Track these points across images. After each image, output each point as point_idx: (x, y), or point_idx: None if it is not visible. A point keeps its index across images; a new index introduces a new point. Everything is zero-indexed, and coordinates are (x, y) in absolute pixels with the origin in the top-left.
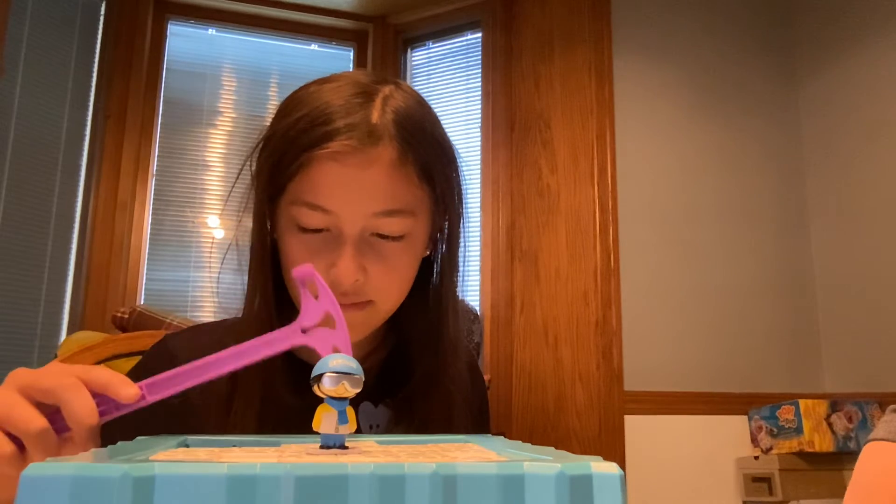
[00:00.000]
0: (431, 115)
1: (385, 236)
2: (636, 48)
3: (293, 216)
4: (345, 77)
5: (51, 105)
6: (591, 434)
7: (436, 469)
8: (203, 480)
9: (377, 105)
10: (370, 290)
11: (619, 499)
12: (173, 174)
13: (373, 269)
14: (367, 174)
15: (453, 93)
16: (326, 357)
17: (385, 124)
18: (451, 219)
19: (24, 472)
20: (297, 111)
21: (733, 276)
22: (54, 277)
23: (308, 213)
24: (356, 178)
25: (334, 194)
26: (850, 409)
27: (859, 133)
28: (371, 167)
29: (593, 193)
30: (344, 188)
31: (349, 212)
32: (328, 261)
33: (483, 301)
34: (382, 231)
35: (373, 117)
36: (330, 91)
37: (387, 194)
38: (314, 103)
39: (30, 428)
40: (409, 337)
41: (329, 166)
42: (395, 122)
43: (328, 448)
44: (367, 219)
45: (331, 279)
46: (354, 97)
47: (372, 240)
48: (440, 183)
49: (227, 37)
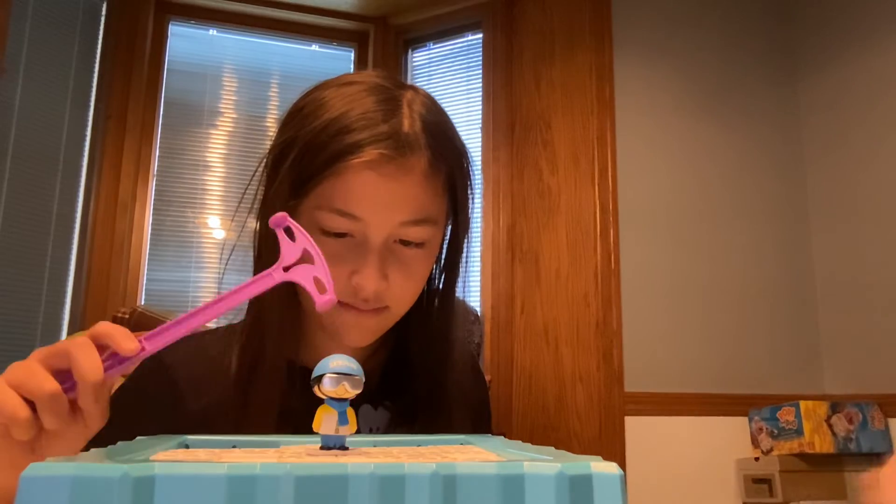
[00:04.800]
0: (451, 122)
1: (408, 243)
2: (637, 49)
3: (317, 220)
4: (364, 80)
5: (51, 105)
6: (591, 435)
7: (436, 469)
8: (203, 480)
9: (405, 112)
10: (389, 296)
11: (619, 499)
12: (174, 174)
13: (394, 275)
14: (400, 184)
15: (454, 93)
16: (326, 358)
17: (416, 133)
18: (461, 226)
19: (23, 473)
20: (321, 115)
21: (734, 276)
22: (55, 277)
23: (336, 218)
24: (390, 188)
25: (366, 202)
26: (850, 411)
27: (859, 133)
28: (406, 177)
29: (594, 194)
30: (377, 197)
31: (378, 220)
32: (351, 267)
33: (483, 302)
34: (407, 238)
35: (404, 126)
36: (353, 95)
37: (417, 203)
38: (339, 107)
39: (42, 391)
40: (411, 340)
41: (365, 175)
42: (424, 131)
43: (328, 449)
44: (395, 227)
45: (353, 285)
46: (381, 103)
47: (394, 247)
48: (461, 192)
49: (228, 37)
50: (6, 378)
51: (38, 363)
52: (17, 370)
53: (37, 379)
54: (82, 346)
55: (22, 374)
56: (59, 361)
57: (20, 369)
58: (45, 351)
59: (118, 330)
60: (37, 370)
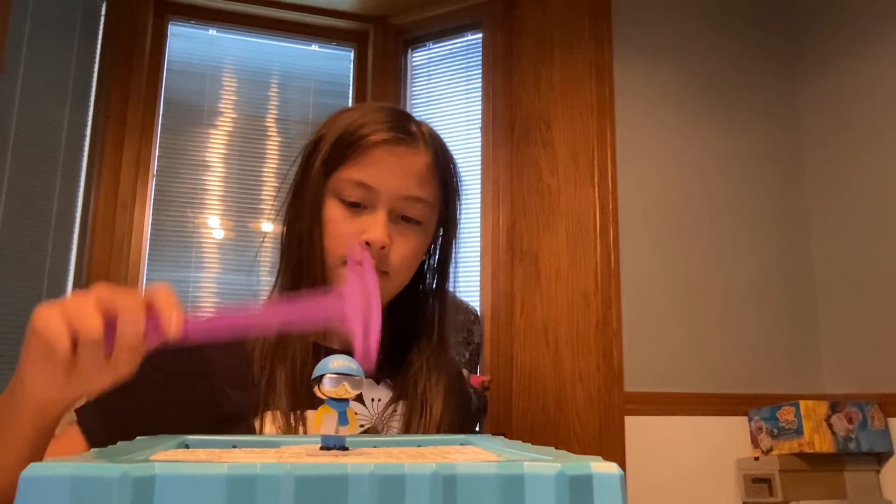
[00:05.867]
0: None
1: (409, 219)
2: (636, 49)
3: (337, 191)
4: (384, 105)
5: (51, 105)
6: (591, 435)
7: (436, 469)
8: (203, 480)
9: (413, 122)
10: (389, 261)
11: (619, 499)
12: (174, 174)
13: (395, 241)
14: (408, 161)
15: (454, 93)
16: (326, 358)
17: (421, 134)
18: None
19: (23, 473)
20: (348, 117)
21: (733, 276)
22: (55, 277)
23: (354, 188)
24: (399, 163)
25: (379, 174)
26: (850, 411)
27: (859, 133)
28: (413, 157)
29: (593, 194)
30: (388, 170)
31: (388, 188)
32: (361, 226)
33: (483, 301)
34: (408, 213)
35: (412, 128)
36: (373, 108)
37: (420, 181)
38: (361, 113)
39: (87, 334)
40: (409, 327)
41: (378, 153)
42: (429, 141)
43: (328, 449)
44: (400, 199)
45: (363, 239)
46: (395, 114)
47: (397, 220)
48: (451, 202)
49: (228, 37)
50: (62, 306)
51: (94, 304)
52: (74, 304)
53: (87, 321)
54: (132, 312)
55: (77, 309)
56: (112, 312)
57: (77, 304)
58: (106, 294)
59: (171, 307)
60: (90, 312)
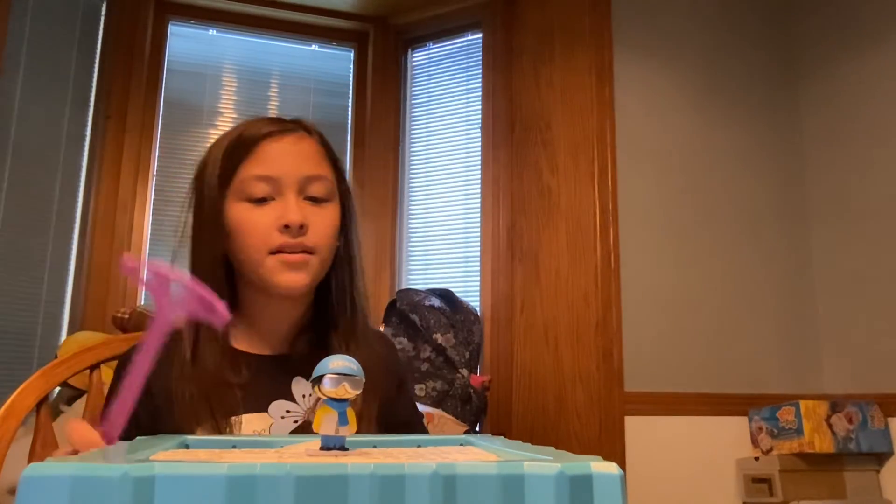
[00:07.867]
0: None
1: (315, 199)
2: (637, 48)
3: (243, 191)
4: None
5: (51, 105)
6: (591, 435)
7: (436, 469)
8: (203, 480)
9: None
10: (311, 239)
11: (618, 499)
12: (174, 174)
13: (311, 219)
14: (299, 146)
15: (454, 93)
16: (326, 359)
17: (300, 123)
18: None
19: (24, 472)
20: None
21: (733, 276)
22: (54, 277)
23: (257, 184)
24: (291, 150)
25: (276, 163)
26: (850, 411)
27: (860, 133)
28: (302, 142)
29: (594, 194)
30: (283, 157)
31: (288, 174)
32: (275, 214)
33: (483, 301)
34: (312, 193)
35: (290, 121)
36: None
37: (314, 162)
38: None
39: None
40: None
41: (271, 146)
42: (307, 123)
43: (328, 449)
44: (302, 180)
45: (282, 224)
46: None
47: (305, 203)
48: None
49: (228, 37)
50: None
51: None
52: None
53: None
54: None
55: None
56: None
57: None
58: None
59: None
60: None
